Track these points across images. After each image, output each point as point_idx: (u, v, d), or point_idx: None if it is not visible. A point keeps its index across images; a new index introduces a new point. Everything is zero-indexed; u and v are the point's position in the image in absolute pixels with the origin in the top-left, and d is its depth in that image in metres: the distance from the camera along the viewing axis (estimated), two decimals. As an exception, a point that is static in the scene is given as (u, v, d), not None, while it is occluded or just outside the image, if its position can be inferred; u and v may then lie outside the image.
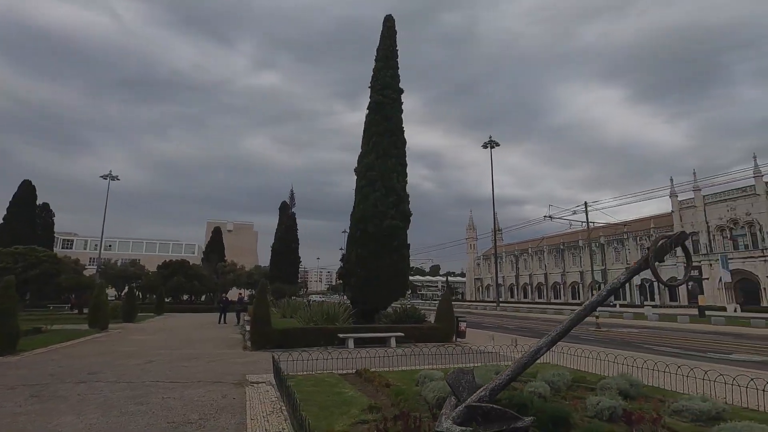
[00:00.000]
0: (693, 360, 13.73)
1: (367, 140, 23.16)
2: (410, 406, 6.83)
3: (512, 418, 4.48)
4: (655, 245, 5.52)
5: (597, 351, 13.60)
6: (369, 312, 20.73)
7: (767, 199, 54.34)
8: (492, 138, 58.46)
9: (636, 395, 7.48)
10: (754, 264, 54.68)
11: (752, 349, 17.34)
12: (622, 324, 30.86)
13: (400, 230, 21.30)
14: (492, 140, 58.54)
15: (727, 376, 7.66)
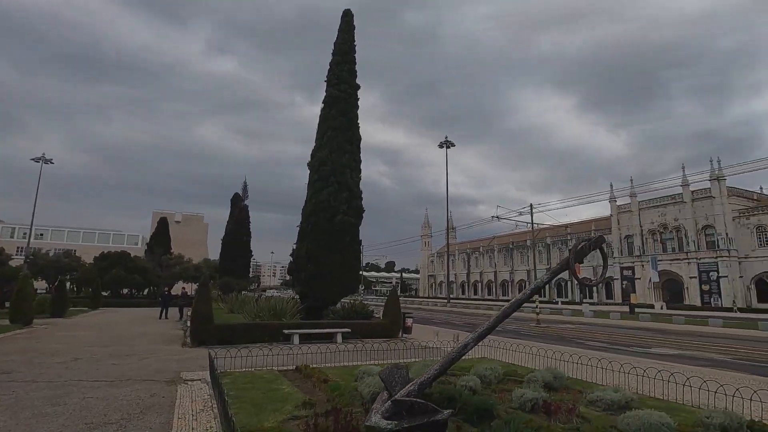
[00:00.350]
0: (617, 354, 14.83)
1: (322, 134, 22.91)
2: (345, 402, 6.89)
3: (433, 411, 4.65)
4: (576, 248, 5.90)
5: (532, 346, 14.33)
6: (318, 308, 20.58)
7: (692, 206, 59.39)
8: (448, 138, 59.71)
9: (559, 387, 7.98)
10: (679, 265, 59.63)
11: (670, 343, 18.98)
12: (561, 320, 32.70)
13: (352, 226, 21.30)
14: (448, 140, 59.78)
15: (639, 368, 8.35)
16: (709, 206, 57.37)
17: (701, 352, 16.03)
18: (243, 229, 60.48)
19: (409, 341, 16.14)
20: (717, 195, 56.39)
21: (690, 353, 15.88)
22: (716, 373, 11.04)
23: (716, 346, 18.07)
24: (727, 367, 12.71)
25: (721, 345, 18.35)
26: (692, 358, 14.52)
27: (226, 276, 53.60)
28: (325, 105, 23.40)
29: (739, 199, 58.69)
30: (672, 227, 62.03)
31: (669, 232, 62.73)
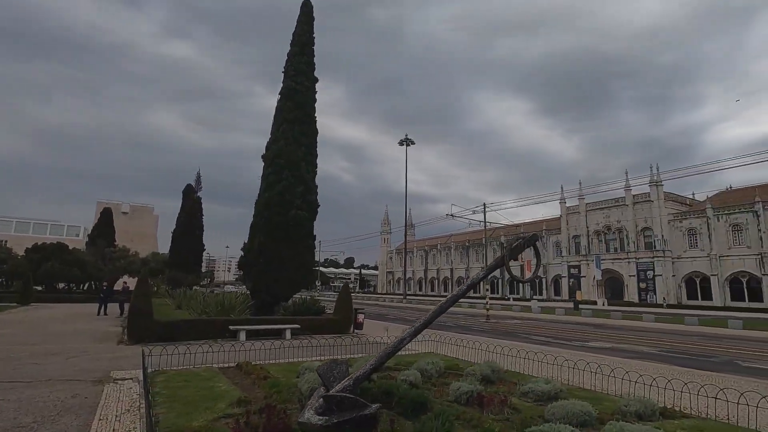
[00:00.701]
0: (557, 347, 15.57)
1: (277, 127, 22.40)
2: (283, 399, 6.77)
3: (362, 405, 4.65)
4: (510, 246, 6.10)
5: (478, 341, 14.77)
6: (270, 303, 20.15)
7: (633, 209, 63.40)
8: (408, 136, 60.29)
9: (496, 380, 8.25)
10: (620, 264, 63.52)
11: (606, 337, 20.17)
12: (511, 316, 33.93)
13: (306, 221, 21.01)
14: (408, 138, 60.36)
15: (571, 361, 8.80)
16: (648, 209, 61.46)
17: (633, 345, 17.16)
18: (195, 222, 58.18)
19: (361, 337, 16.18)
20: (655, 199, 60.51)
21: (623, 346, 16.95)
22: (641, 364, 11.84)
23: (646, 339, 19.40)
24: (652, 358, 13.66)
25: (651, 338, 19.72)
26: (624, 351, 15.50)
27: (176, 270, 51.40)
28: (282, 97, 22.89)
29: (674, 203, 63.26)
30: (615, 228, 65.93)
31: (612, 233, 66.63)
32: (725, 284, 53.40)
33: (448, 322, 27.56)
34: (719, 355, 15.02)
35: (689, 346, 17.17)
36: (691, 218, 58.58)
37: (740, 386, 8.79)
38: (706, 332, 22.87)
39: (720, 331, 23.16)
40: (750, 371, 11.97)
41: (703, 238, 56.10)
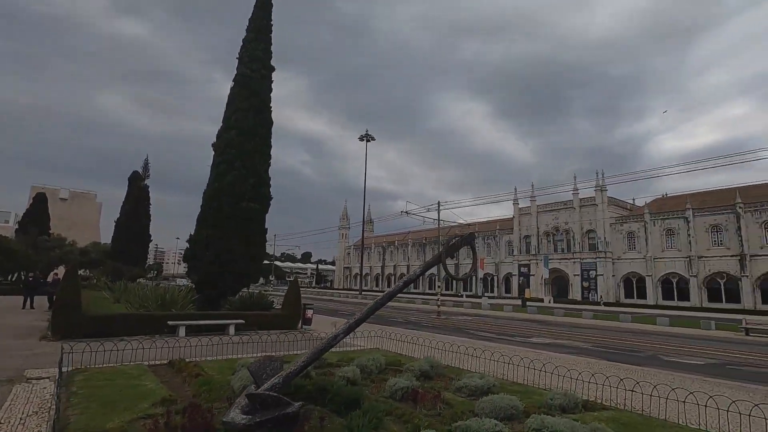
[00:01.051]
0: (499, 343, 16.10)
1: (230, 115, 21.57)
2: (213, 397, 6.51)
3: (285, 404, 4.54)
4: (448, 243, 6.17)
5: (425, 337, 14.98)
6: (216, 298, 19.44)
7: (580, 212, 66.86)
8: (368, 132, 60.05)
9: (434, 375, 8.37)
10: (566, 264, 66.84)
11: (547, 333, 21.12)
12: (461, 312, 34.81)
13: (258, 213, 20.42)
14: (368, 134, 60.14)
15: (507, 356, 9.08)
16: (593, 213, 65.02)
17: (570, 341, 18.07)
18: (142, 211, 55.20)
19: (308, 333, 15.95)
20: (599, 203, 64.12)
21: (561, 342, 17.80)
22: (575, 359, 12.48)
23: (583, 335, 20.50)
24: (586, 354, 14.44)
25: (588, 335, 20.87)
26: (562, 347, 16.29)
27: (118, 261, 48.53)
28: (236, 84, 22.06)
29: (616, 208, 67.28)
30: (563, 230, 69.25)
31: (560, 234, 69.94)
32: (658, 284, 57.53)
33: (399, 318, 27.83)
34: (645, 350, 16.12)
35: (620, 342, 18.32)
36: (630, 222, 62.57)
37: (657, 379, 9.45)
38: (637, 329, 24.52)
39: (649, 328, 24.92)
40: (669, 365, 12.92)
41: (641, 241, 60.13)
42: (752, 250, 49.23)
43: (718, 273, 51.94)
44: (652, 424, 6.00)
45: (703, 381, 9.90)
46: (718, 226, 53.26)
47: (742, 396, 8.45)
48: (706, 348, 17.05)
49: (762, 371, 12.42)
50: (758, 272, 48.59)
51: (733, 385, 9.64)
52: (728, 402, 6.03)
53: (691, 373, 11.33)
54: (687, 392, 6.57)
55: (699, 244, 54.15)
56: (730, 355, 15.43)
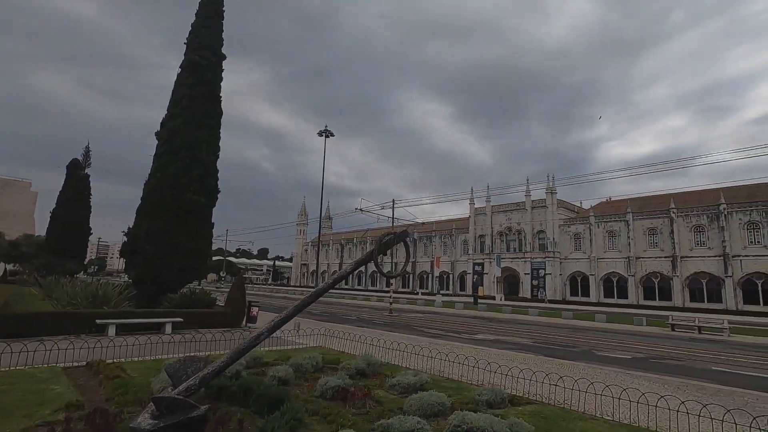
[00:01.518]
0: (445, 339, 16.37)
1: (176, 103, 20.57)
2: (128, 400, 6.12)
3: (190, 407, 4.31)
4: (380, 241, 6.12)
5: (372, 334, 14.95)
6: (155, 294, 18.47)
7: (531, 213, 69.53)
8: (328, 127, 59.38)
9: (371, 373, 8.34)
10: (518, 263, 69.33)
11: (493, 330, 21.76)
12: (414, 310, 35.20)
13: (203, 206, 19.59)
14: (327, 129, 59.44)
15: (443, 353, 9.20)
16: (543, 214, 67.82)
17: (513, 338, 18.70)
18: (81, 202, 51.56)
19: (252, 331, 15.49)
20: (549, 206, 66.99)
21: (505, 338, 18.39)
22: (513, 355, 12.90)
23: (527, 332, 21.30)
24: (525, 350, 14.99)
25: (531, 331, 21.71)
26: (504, 343, 16.82)
27: (53, 255, 45.13)
28: (183, 70, 21.06)
29: (565, 210, 70.57)
30: (515, 230, 71.77)
31: (512, 234, 72.45)
32: (600, 283, 60.95)
33: (352, 316, 27.73)
34: (581, 345, 16.97)
35: (560, 338, 19.18)
36: (577, 224, 65.82)
37: (584, 373, 9.93)
38: (577, 325, 25.80)
39: (588, 325, 26.29)
40: (600, 359, 13.65)
41: (586, 242, 63.42)
42: (683, 252, 53.24)
43: (653, 273, 55.76)
44: (570, 417, 6.25)
45: (626, 374, 10.52)
46: (654, 229, 57.14)
47: (656, 388, 9.03)
48: (635, 343, 18.20)
49: (680, 364, 13.39)
50: (687, 272, 52.63)
51: (652, 377, 10.30)
52: (639, 394, 6.39)
53: (618, 366, 12.02)
54: (604, 385, 6.91)
55: (637, 245, 57.87)
56: (655, 349, 16.55)
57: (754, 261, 47.99)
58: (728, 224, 50.19)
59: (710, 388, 9.41)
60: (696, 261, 52.26)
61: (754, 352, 16.69)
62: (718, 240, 50.56)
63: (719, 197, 51.64)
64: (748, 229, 49.45)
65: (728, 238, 49.67)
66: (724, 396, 8.71)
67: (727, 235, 49.83)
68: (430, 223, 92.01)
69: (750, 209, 49.55)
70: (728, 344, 18.89)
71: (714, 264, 50.61)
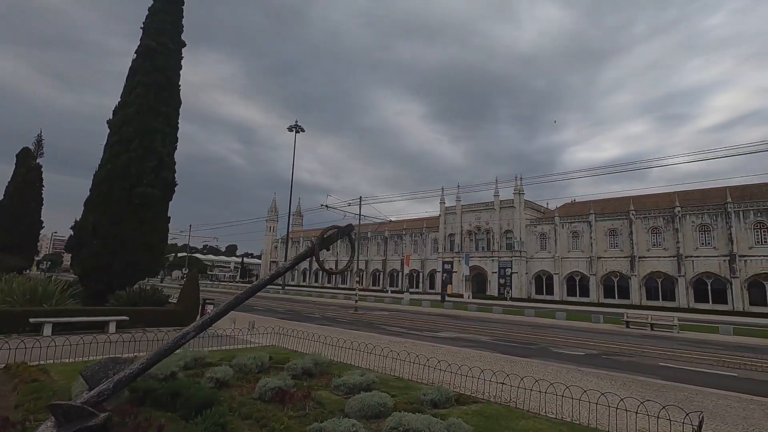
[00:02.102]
0: (406, 337, 16.26)
1: (130, 90, 19.59)
2: (40, 406, 5.58)
3: (90, 415, 3.93)
4: (323, 235, 5.84)
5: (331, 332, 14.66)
6: (103, 292, 17.49)
7: (500, 213, 70.80)
8: (298, 122, 58.43)
9: (318, 373, 8.06)
10: (486, 262, 70.46)
11: (456, 328, 21.86)
12: (381, 308, 35.06)
13: (157, 200, 18.72)
14: (298, 125, 58.48)
15: (395, 352, 9.03)
16: (511, 214, 69.20)
17: (474, 335, 18.83)
18: (31, 194, 48.56)
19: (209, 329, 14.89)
20: (516, 206, 68.42)
21: (466, 335, 18.49)
22: (469, 352, 12.91)
23: (489, 329, 21.52)
24: (483, 347, 15.07)
25: (493, 328, 21.95)
26: (465, 340, 16.89)
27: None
28: (138, 56, 20.06)
29: (531, 210, 72.26)
30: (484, 229, 72.90)
31: (481, 233, 73.56)
32: (564, 282, 62.76)
33: (316, 314, 27.29)
34: (539, 342, 17.25)
35: (520, 335, 19.46)
36: (543, 224, 67.54)
37: (536, 371, 9.99)
38: (538, 323, 26.34)
39: (549, 322, 26.90)
40: (555, 356, 13.88)
41: (551, 242, 65.15)
42: (640, 252, 55.52)
43: (613, 272, 57.89)
44: (513, 416, 6.19)
45: (578, 371, 10.67)
46: (614, 231, 59.31)
47: (604, 384, 9.17)
48: (590, 340, 18.68)
49: (631, 360, 13.79)
50: (644, 272, 54.92)
51: (602, 374, 10.50)
52: (581, 391, 6.40)
53: (572, 363, 12.22)
54: (549, 383, 6.90)
55: (599, 245, 59.91)
56: (608, 346, 17.02)
57: (704, 261, 50.61)
58: (682, 226, 52.70)
59: (655, 384, 9.65)
60: (652, 261, 54.59)
61: (699, 348, 17.43)
62: (673, 241, 53.01)
63: (674, 200, 54.13)
64: (700, 231, 52.07)
65: (682, 239, 52.16)
66: (666, 391, 8.94)
67: (680, 236, 52.30)
68: (401, 222, 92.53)
69: (702, 212, 52.18)
70: (677, 341, 19.70)
71: (668, 264, 53.03)
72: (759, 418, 7.30)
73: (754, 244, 48.07)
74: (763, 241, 47.76)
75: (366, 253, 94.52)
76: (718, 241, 50.27)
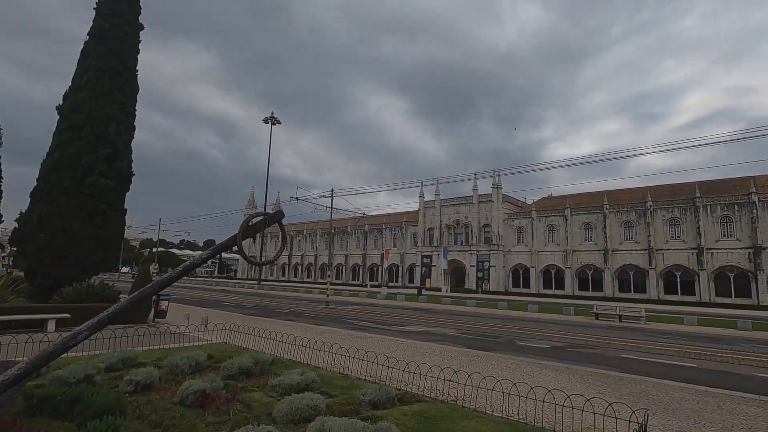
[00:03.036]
0: (371, 332, 15.84)
1: (81, 74, 18.46)
2: None
3: None
4: (247, 222, 5.29)
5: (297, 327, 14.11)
6: (52, 288, 16.47)
7: (478, 207, 71.09)
8: (274, 114, 57.29)
9: (257, 372, 7.53)
10: (464, 255, 70.69)
11: (425, 321, 21.54)
12: (354, 302, 34.61)
13: (110, 191, 17.71)
14: (273, 116, 57.37)
15: (353, 347, 8.56)
16: (489, 209, 69.54)
17: (442, 329, 18.55)
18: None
19: (161, 326, 14.15)
20: (495, 200, 68.79)
21: (434, 329, 18.19)
22: (431, 347, 12.57)
23: (458, 322, 21.29)
24: (448, 341, 14.79)
25: (463, 322, 21.73)
26: (431, 334, 16.58)
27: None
28: (91, 38, 18.91)
29: (509, 205, 72.74)
30: (463, 223, 73.11)
31: (460, 227, 73.77)
32: (540, 275, 63.50)
33: (285, 309, 26.65)
34: (506, 335, 17.08)
35: (488, 328, 19.29)
36: (520, 218, 68.11)
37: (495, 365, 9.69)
38: (510, 315, 26.32)
39: (520, 315, 26.92)
40: (520, 349, 13.69)
41: (528, 236, 65.77)
42: (613, 246, 56.56)
43: (587, 265, 58.84)
44: (455, 416, 5.80)
45: (538, 365, 10.44)
46: (589, 224, 60.23)
47: (562, 378, 8.93)
48: (558, 332, 18.64)
49: (594, 352, 13.69)
50: (617, 264, 56.00)
51: (560, 367, 10.28)
52: (528, 389, 6.06)
53: (534, 356, 12.02)
54: (495, 380, 6.55)
55: (574, 239, 60.77)
56: (575, 338, 16.98)
57: (674, 254, 51.86)
58: (653, 220, 53.83)
59: (613, 376, 9.47)
60: (625, 254, 55.67)
61: (664, 339, 17.57)
62: (645, 235, 54.12)
63: (647, 195, 55.23)
64: (670, 225, 53.29)
65: (653, 233, 53.30)
66: (623, 384, 8.75)
67: (652, 230, 53.43)
68: (381, 216, 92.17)
69: (672, 206, 53.39)
70: (643, 332, 19.87)
71: (640, 257, 54.16)
72: (711, 411, 7.14)
73: (720, 237, 49.47)
74: (728, 235, 49.19)
75: (345, 248, 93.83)
76: (687, 235, 51.56)
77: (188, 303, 27.00)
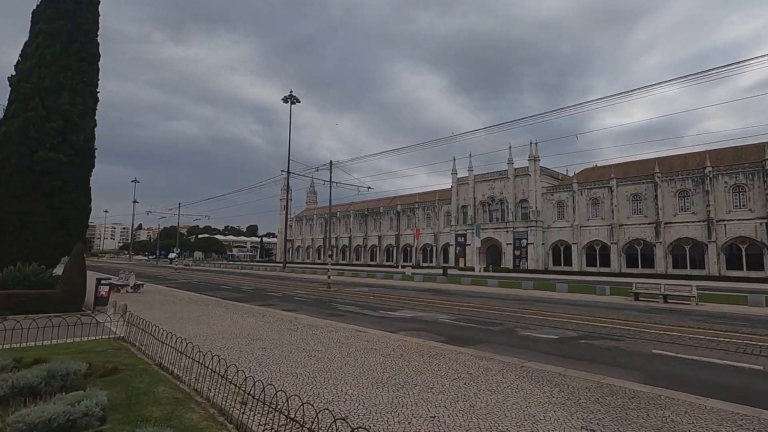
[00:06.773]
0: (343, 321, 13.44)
1: (32, 40, 16.97)
2: None
3: None
4: None
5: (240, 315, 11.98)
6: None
7: (514, 182, 66.22)
8: (293, 92, 55.38)
9: (54, 390, 5.26)
10: (500, 233, 66.42)
11: (425, 305, 18.72)
12: (365, 283, 32.19)
13: (65, 167, 16.23)
14: (292, 95, 55.46)
15: (269, 347, 6.13)
16: (526, 183, 64.55)
17: (436, 313, 15.79)
18: None
19: (97, 315, 12.47)
20: (532, 173, 63.63)
21: (426, 314, 15.50)
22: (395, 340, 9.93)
23: (461, 305, 18.27)
24: (431, 330, 12.15)
25: (467, 305, 18.67)
26: (416, 321, 14.01)
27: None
28: (42, 1, 17.29)
29: (548, 178, 67.15)
30: (498, 200, 68.59)
31: (495, 204, 69.30)
32: (583, 251, 58.28)
33: (278, 291, 24.86)
34: (511, 321, 14.06)
35: (494, 312, 16.29)
36: (560, 192, 62.67)
37: (442, 373, 6.98)
38: (532, 296, 22.91)
39: (545, 295, 23.38)
40: (516, 340, 10.82)
41: (569, 211, 60.42)
42: (666, 218, 50.35)
43: (636, 240, 53.04)
44: None
45: (513, 371, 7.55)
46: (637, 195, 54.05)
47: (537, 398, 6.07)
48: (580, 316, 15.27)
49: (614, 345, 10.47)
50: (670, 238, 49.87)
51: (552, 373, 7.34)
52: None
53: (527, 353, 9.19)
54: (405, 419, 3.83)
55: (620, 212, 54.91)
56: (599, 324, 13.62)
57: (738, 225, 45.21)
58: (713, 188, 47.14)
59: (624, 391, 6.38)
60: (679, 227, 49.45)
61: (719, 324, 13.83)
62: (703, 204, 47.62)
63: (705, 160, 48.37)
64: (733, 193, 46.42)
65: (713, 202, 46.70)
66: (635, 410, 5.72)
67: (711, 199, 46.83)
68: (413, 195, 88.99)
69: (736, 172, 46.40)
70: (691, 315, 16.04)
71: (698, 229, 47.85)
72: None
73: (799, 204, 42.31)
74: (810, 200, 41.93)
75: (379, 229, 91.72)
76: (754, 203, 44.63)
77: (184, 288, 25.91)
